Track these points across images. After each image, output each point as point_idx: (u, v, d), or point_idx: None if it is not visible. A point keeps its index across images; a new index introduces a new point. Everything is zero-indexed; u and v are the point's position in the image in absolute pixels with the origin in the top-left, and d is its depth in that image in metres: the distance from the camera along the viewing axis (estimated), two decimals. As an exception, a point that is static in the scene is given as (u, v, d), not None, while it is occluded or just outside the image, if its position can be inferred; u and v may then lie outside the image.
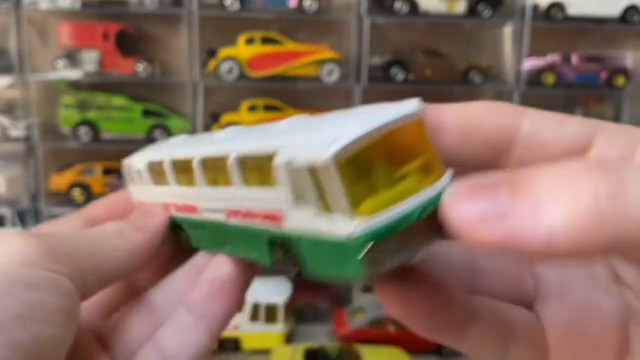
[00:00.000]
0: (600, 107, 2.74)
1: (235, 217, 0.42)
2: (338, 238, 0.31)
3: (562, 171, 0.27)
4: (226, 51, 2.39)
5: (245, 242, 0.42)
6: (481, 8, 2.43)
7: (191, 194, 0.49)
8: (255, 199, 0.38)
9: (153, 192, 0.56)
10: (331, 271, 0.33)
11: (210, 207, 0.47)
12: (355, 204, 0.30)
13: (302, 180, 0.32)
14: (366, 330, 2.32)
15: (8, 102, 2.47)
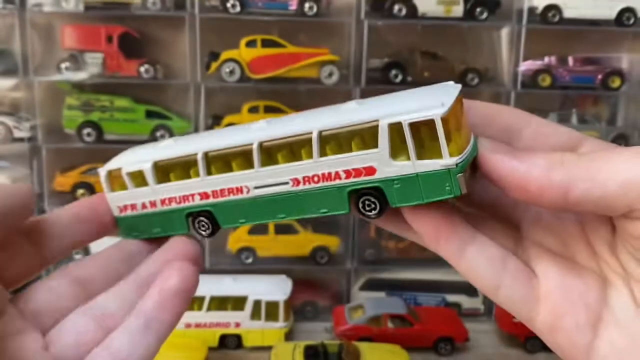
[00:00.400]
0: (596, 108, 2.77)
1: (307, 183, 0.54)
2: (443, 169, 0.49)
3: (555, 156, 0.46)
4: (228, 53, 2.42)
5: (314, 202, 0.55)
6: (478, 11, 2.46)
7: (235, 178, 0.58)
8: (340, 163, 0.53)
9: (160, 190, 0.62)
10: (427, 197, 0.50)
11: (268, 183, 0.56)
12: (450, 146, 0.49)
13: (404, 136, 0.50)
14: (365, 328, 2.35)
15: (12, 104, 2.51)
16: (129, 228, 0.64)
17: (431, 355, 2.38)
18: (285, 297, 2.39)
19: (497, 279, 0.50)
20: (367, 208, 0.54)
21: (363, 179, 0.53)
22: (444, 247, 0.51)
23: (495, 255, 0.50)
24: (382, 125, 0.51)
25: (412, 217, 0.51)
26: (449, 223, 0.50)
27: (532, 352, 2.41)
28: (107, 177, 0.64)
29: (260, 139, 0.57)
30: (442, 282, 2.67)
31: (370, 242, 2.68)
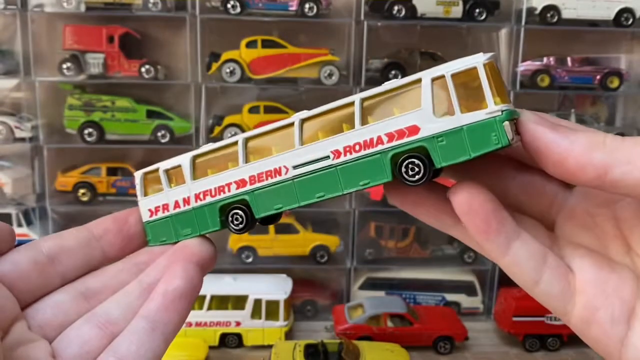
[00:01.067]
0: (594, 108, 2.79)
1: (349, 154, 0.54)
2: (489, 117, 0.49)
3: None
4: (228, 54, 2.44)
5: (355, 174, 0.54)
6: (477, 12, 2.48)
7: (273, 160, 0.57)
8: (382, 128, 0.53)
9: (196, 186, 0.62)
10: (473, 151, 0.49)
11: (307, 160, 0.56)
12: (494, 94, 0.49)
13: (447, 90, 0.50)
14: (365, 327, 2.36)
15: (14, 104, 2.52)
16: (158, 233, 0.62)
17: (431, 354, 2.39)
18: (285, 296, 2.41)
19: (537, 274, 0.50)
20: (411, 173, 0.52)
21: (406, 139, 0.52)
22: (493, 241, 0.50)
23: (537, 250, 0.50)
24: (425, 82, 0.52)
25: (462, 209, 0.49)
26: (499, 217, 0.49)
27: (531, 350, 2.42)
28: (142, 180, 0.64)
29: (302, 116, 0.57)
30: (441, 281, 2.68)
31: (370, 242, 2.69)
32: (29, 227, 2.48)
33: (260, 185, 0.58)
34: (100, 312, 0.54)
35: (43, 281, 0.55)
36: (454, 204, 0.50)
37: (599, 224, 0.52)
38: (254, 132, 0.59)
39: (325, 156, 0.55)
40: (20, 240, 0.53)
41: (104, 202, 2.52)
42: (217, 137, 2.49)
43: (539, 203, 0.55)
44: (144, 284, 0.56)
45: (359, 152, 0.53)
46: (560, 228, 0.54)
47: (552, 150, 0.47)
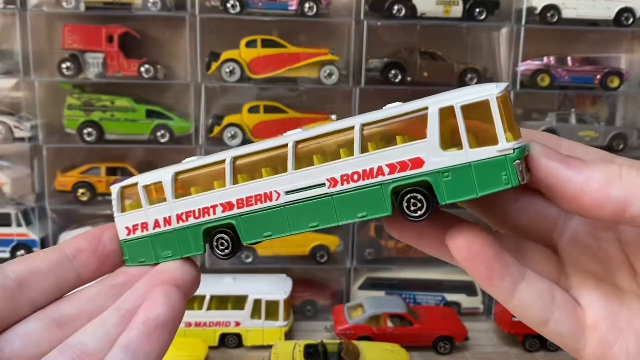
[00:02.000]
0: (595, 108, 2.78)
1: (346, 183, 0.51)
2: (499, 155, 0.46)
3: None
4: (228, 54, 2.43)
5: (353, 205, 0.51)
6: (478, 11, 2.47)
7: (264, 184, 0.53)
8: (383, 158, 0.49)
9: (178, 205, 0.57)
10: (481, 190, 0.47)
11: (302, 187, 0.52)
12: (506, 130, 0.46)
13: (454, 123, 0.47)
14: (365, 327, 2.36)
15: (13, 104, 2.51)
16: (137, 253, 0.57)
17: (431, 354, 2.39)
18: (285, 297, 2.40)
19: (547, 313, 0.49)
20: (413, 208, 0.49)
21: (409, 172, 0.49)
22: (497, 286, 0.48)
23: (544, 290, 0.49)
24: (432, 112, 0.48)
25: (461, 255, 0.48)
26: (501, 261, 0.48)
27: (531, 351, 2.42)
28: (120, 195, 0.59)
29: (297, 138, 0.53)
30: (441, 281, 2.68)
31: (370, 242, 2.69)
32: (29, 227, 2.48)
33: (248, 209, 0.54)
34: (75, 343, 0.50)
35: (11, 309, 0.51)
36: (452, 250, 0.48)
37: (603, 248, 0.51)
38: (243, 151, 0.55)
39: (321, 184, 0.51)
40: (20, 240, 0.51)
41: (103, 202, 2.51)
42: (217, 137, 2.49)
43: (541, 226, 0.53)
44: (122, 310, 0.52)
45: (357, 182, 0.50)
46: (565, 252, 0.53)
47: (567, 187, 0.45)
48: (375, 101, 2.49)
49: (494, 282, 0.48)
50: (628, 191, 0.43)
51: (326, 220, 0.52)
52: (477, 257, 0.47)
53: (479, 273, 0.48)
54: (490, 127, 0.46)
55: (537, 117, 2.63)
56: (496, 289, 0.48)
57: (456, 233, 0.48)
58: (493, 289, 0.49)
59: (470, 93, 0.47)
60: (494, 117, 0.46)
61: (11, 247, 2.43)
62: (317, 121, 2.50)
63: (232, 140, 2.48)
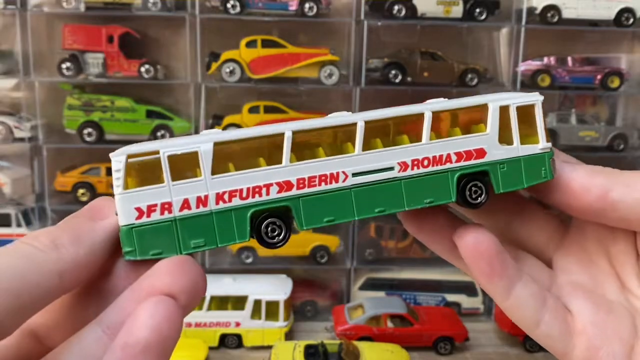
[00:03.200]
0: (595, 108, 2.78)
1: (417, 168, 0.52)
2: (542, 152, 0.53)
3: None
4: (228, 54, 2.43)
5: (420, 190, 0.52)
6: (478, 11, 2.47)
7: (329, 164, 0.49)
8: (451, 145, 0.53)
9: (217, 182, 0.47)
10: (527, 181, 0.53)
11: (370, 169, 0.50)
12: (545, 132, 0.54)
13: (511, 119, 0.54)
14: (365, 327, 2.36)
15: (13, 104, 2.51)
16: (150, 242, 0.45)
17: (431, 354, 2.39)
18: (285, 297, 2.40)
19: (538, 315, 0.52)
20: (474, 195, 0.53)
21: (473, 162, 0.53)
22: (496, 283, 0.51)
23: (537, 292, 0.52)
24: (492, 108, 0.54)
25: (469, 253, 0.51)
26: (502, 260, 0.51)
27: (531, 351, 2.41)
28: (125, 166, 0.46)
29: (366, 118, 0.51)
30: (441, 281, 2.67)
31: (370, 242, 2.69)
32: (28, 227, 2.48)
33: (310, 191, 0.49)
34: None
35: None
36: (460, 247, 0.51)
37: (594, 260, 0.55)
38: (303, 125, 0.50)
39: (390, 167, 0.51)
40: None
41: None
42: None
43: (538, 239, 0.57)
44: (102, 325, 0.42)
45: (427, 168, 0.52)
46: (558, 264, 0.56)
47: (557, 175, 0.52)
48: (375, 101, 2.50)
49: (494, 280, 0.51)
50: (610, 180, 0.50)
51: (393, 205, 0.51)
52: (483, 255, 0.51)
53: (481, 270, 0.51)
54: (532, 127, 0.54)
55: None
56: (494, 286, 0.51)
57: (464, 231, 0.51)
58: (491, 286, 0.52)
59: (520, 96, 0.55)
60: (537, 118, 0.55)
61: (11, 247, 2.43)
62: (317, 121, 2.49)
63: (232, 140, 2.47)
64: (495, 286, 0.51)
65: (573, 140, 2.60)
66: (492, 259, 0.50)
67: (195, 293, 0.43)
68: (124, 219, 0.46)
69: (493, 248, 0.51)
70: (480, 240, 0.50)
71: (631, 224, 0.50)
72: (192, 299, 0.43)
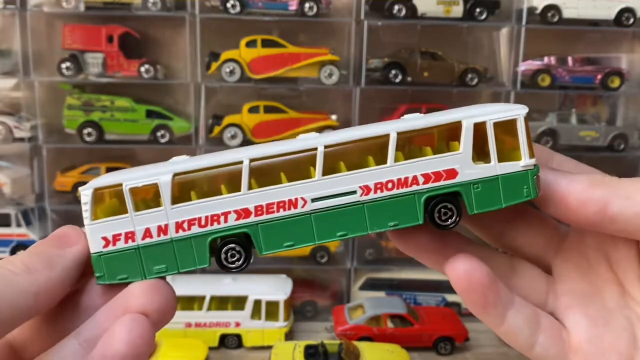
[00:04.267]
0: (595, 108, 2.78)
1: (380, 191, 0.50)
2: (523, 170, 0.50)
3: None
4: (228, 54, 2.43)
5: (384, 214, 0.50)
6: (478, 11, 2.47)
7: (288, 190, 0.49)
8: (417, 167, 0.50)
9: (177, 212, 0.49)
10: (505, 201, 0.50)
11: (331, 194, 0.50)
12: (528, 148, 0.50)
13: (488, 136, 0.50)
14: (365, 327, 2.35)
15: (13, 103, 2.51)
16: (117, 268, 0.49)
17: (431, 354, 2.38)
18: (285, 297, 2.40)
19: (533, 338, 0.51)
20: (444, 217, 0.51)
21: (443, 183, 0.51)
22: (490, 312, 0.51)
23: (530, 315, 0.52)
24: (466, 126, 0.51)
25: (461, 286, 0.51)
26: (494, 290, 0.50)
27: (532, 351, 2.41)
28: (92, 198, 0.50)
29: (326, 142, 0.50)
30: (441, 281, 2.67)
31: (370, 242, 2.68)
32: (28, 227, 2.47)
33: (268, 217, 0.50)
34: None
35: None
36: (451, 279, 0.51)
37: (593, 266, 0.54)
38: (260, 152, 0.51)
39: (352, 191, 0.50)
40: (20, 240, 0.47)
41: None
42: (217, 137, 2.48)
43: (536, 245, 0.56)
44: (80, 338, 0.44)
45: (391, 191, 0.50)
46: (557, 271, 0.55)
47: (552, 189, 0.49)
48: (375, 100, 2.49)
49: (488, 311, 0.51)
50: (609, 193, 0.47)
51: (356, 229, 0.51)
52: (475, 288, 0.50)
53: (475, 302, 0.51)
54: (515, 144, 0.51)
55: (537, 117, 2.63)
56: (488, 316, 0.52)
57: (455, 263, 0.50)
58: (485, 316, 0.52)
59: (500, 110, 0.51)
60: (520, 134, 0.51)
61: (10, 247, 2.43)
62: (317, 121, 2.49)
63: (232, 140, 2.47)
64: (489, 316, 0.51)
65: (573, 140, 2.60)
66: (484, 290, 0.50)
67: (167, 312, 0.46)
68: (93, 247, 0.49)
69: (486, 279, 0.50)
70: (472, 274, 0.50)
71: (631, 235, 0.49)
72: (164, 317, 0.46)
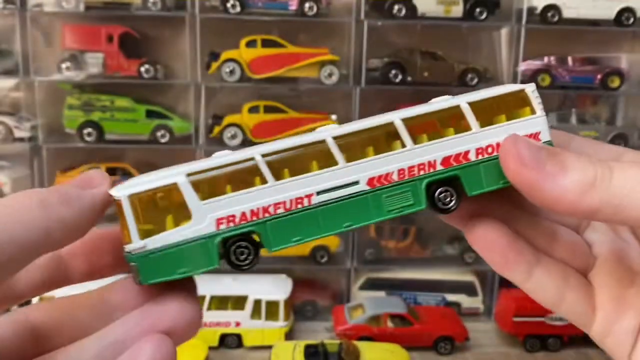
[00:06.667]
0: (595, 108, 2.78)
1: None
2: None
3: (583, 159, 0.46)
4: (228, 54, 2.43)
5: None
6: (478, 11, 2.47)
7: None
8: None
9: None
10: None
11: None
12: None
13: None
14: (365, 327, 2.36)
15: (13, 103, 2.51)
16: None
17: (431, 354, 2.38)
18: (285, 297, 2.40)
19: (560, 295, 0.52)
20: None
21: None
22: (513, 271, 0.52)
23: (558, 274, 0.52)
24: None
25: (480, 245, 0.52)
26: (515, 248, 0.51)
27: (532, 351, 2.41)
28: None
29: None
30: (442, 281, 2.67)
31: (370, 242, 2.68)
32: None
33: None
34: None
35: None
36: (470, 241, 0.52)
37: (619, 234, 0.54)
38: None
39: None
40: None
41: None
42: (217, 137, 2.48)
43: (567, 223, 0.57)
44: (104, 342, 0.43)
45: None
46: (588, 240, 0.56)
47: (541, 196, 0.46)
48: (375, 100, 2.49)
49: (510, 268, 0.52)
50: (598, 202, 0.45)
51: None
52: (492, 247, 0.51)
53: (495, 261, 0.52)
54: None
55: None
56: (511, 273, 0.52)
57: (475, 225, 0.52)
58: (509, 273, 0.52)
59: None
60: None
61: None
62: (317, 121, 2.49)
63: (232, 140, 2.47)
64: (513, 273, 0.52)
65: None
66: (504, 249, 0.51)
67: (191, 330, 0.46)
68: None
69: (504, 237, 0.51)
70: (490, 231, 0.51)
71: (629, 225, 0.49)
72: (188, 335, 0.46)
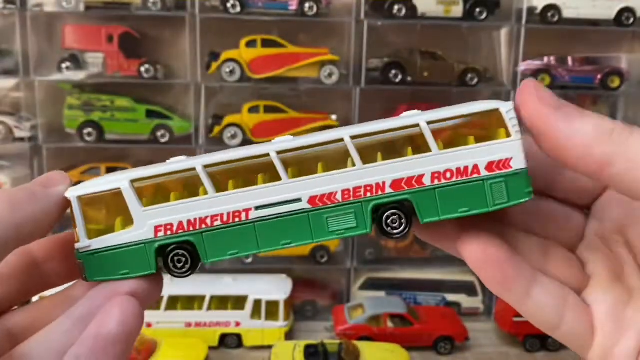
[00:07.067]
0: (595, 108, 2.78)
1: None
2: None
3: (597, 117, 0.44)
4: (228, 54, 2.43)
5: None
6: (478, 11, 2.47)
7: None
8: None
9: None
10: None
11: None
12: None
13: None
14: (365, 327, 2.36)
15: (13, 103, 2.51)
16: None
17: (431, 354, 2.38)
18: (285, 297, 2.40)
19: (560, 316, 0.49)
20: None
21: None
22: (512, 290, 0.48)
23: (557, 292, 0.49)
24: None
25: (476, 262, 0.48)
26: (513, 265, 0.47)
27: (531, 351, 2.41)
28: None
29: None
30: (441, 281, 2.67)
31: (370, 242, 2.68)
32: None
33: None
34: (17, 355, 0.45)
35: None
36: (466, 257, 0.48)
37: (613, 250, 0.51)
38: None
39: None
40: None
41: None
42: (217, 137, 2.48)
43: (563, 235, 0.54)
44: (72, 318, 0.47)
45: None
46: (583, 256, 0.53)
47: (555, 136, 0.44)
48: (375, 100, 2.50)
49: (509, 287, 0.48)
50: (612, 152, 0.43)
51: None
52: (490, 262, 0.47)
53: (493, 278, 0.48)
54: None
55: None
56: (510, 293, 0.48)
57: (468, 239, 0.48)
58: (507, 293, 0.48)
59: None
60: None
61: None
62: (317, 121, 2.49)
63: (232, 140, 2.47)
64: (511, 293, 0.48)
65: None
66: (502, 266, 0.47)
67: (154, 292, 0.50)
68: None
69: (501, 254, 0.47)
70: (485, 248, 0.47)
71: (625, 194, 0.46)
72: (151, 296, 0.50)
